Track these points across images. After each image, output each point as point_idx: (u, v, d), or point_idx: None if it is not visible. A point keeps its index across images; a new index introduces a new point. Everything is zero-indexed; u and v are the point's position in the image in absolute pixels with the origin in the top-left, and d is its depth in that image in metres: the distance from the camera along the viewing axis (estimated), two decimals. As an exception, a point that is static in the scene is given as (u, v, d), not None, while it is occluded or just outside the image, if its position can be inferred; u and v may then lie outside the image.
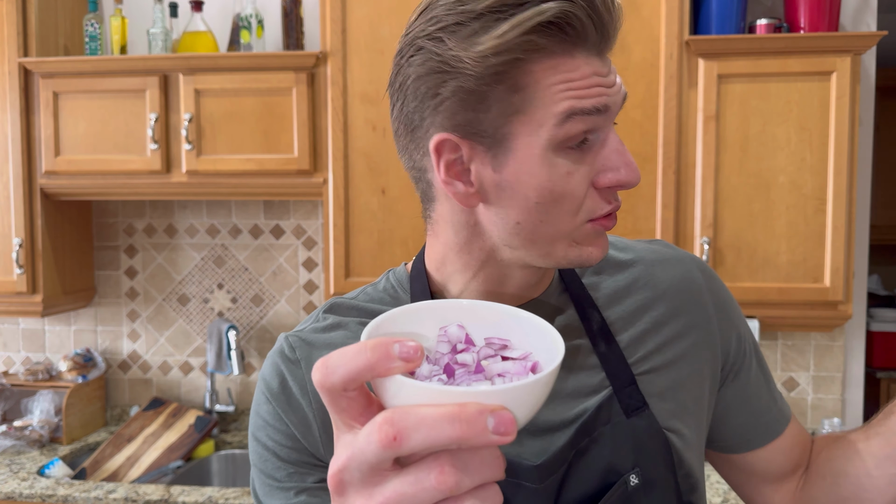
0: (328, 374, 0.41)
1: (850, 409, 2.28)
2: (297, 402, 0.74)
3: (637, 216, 1.95)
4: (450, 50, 0.61)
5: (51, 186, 2.21)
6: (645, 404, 0.73)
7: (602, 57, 0.64)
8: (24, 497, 1.95)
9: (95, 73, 2.14)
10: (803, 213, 1.92)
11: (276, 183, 2.11)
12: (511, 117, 0.63)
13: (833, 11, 1.98)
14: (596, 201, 0.66)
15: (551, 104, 0.62)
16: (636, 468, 0.72)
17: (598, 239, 0.68)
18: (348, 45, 2.00)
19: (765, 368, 0.86)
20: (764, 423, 0.84)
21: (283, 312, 2.47)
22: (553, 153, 0.64)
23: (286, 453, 0.74)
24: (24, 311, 2.26)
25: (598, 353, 0.75)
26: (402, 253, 2.00)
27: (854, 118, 1.89)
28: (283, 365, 0.75)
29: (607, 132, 0.65)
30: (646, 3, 1.91)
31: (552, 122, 0.62)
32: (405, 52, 0.65)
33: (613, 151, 0.65)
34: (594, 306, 0.77)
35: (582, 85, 0.62)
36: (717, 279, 0.84)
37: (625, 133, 1.93)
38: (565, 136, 0.63)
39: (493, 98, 0.62)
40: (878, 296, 3.77)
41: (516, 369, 0.49)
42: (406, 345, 0.39)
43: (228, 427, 2.48)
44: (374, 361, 0.39)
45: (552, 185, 0.64)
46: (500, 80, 0.62)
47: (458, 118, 0.64)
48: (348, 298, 0.80)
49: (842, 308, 1.93)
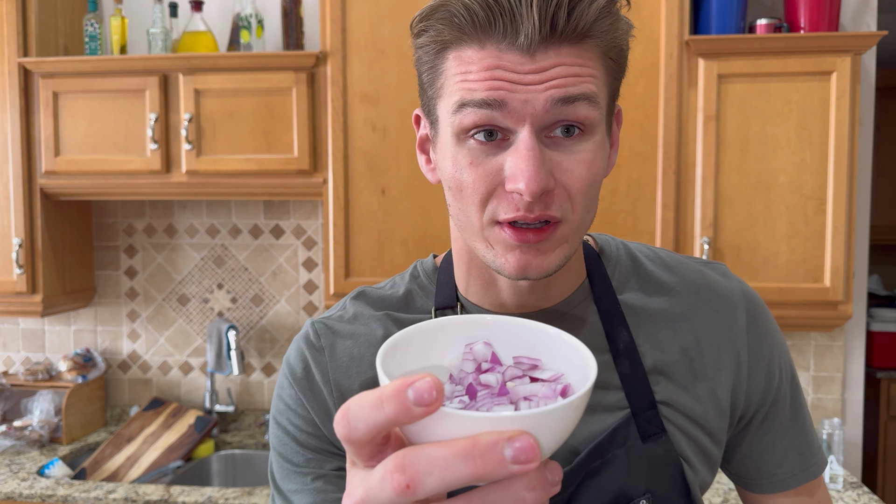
0: (351, 429, 0.39)
1: (850, 409, 2.28)
2: (319, 389, 0.74)
3: (637, 216, 1.95)
4: (412, 34, 0.66)
5: (51, 186, 2.21)
6: (663, 430, 0.71)
7: (533, 51, 0.59)
8: (24, 497, 1.95)
9: (95, 73, 2.14)
10: (803, 213, 1.92)
11: (276, 183, 2.11)
12: (437, 101, 0.66)
13: (833, 11, 1.98)
14: (501, 202, 0.63)
15: (452, 93, 0.63)
16: (647, 494, 0.70)
17: (511, 252, 0.64)
18: (348, 45, 2.00)
19: (799, 416, 0.81)
20: (781, 472, 0.80)
21: (283, 312, 2.47)
22: (457, 142, 0.64)
23: (305, 439, 0.75)
24: (24, 311, 2.26)
25: (619, 372, 0.72)
26: (402, 253, 2.00)
27: (854, 118, 1.89)
28: (308, 351, 0.76)
29: (522, 134, 0.61)
30: (646, 3, 1.91)
31: (450, 110, 0.63)
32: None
33: (520, 157, 0.60)
34: (625, 324, 0.74)
35: (477, 77, 0.60)
36: (762, 320, 0.78)
37: (625, 133, 1.93)
38: (459, 127, 0.62)
39: (427, 81, 0.66)
40: (878, 296, 3.76)
41: (545, 392, 0.46)
42: (421, 390, 0.37)
43: (228, 427, 2.48)
44: (393, 416, 0.37)
45: (455, 173, 0.64)
46: (430, 65, 0.65)
47: (421, 97, 0.69)
48: (376, 288, 0.80)
49: (842, 308, 1.93)
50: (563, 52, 0.60)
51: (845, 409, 2.28)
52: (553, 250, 0.64)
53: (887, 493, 3.38)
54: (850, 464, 2.25)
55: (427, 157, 0.72)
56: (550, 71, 0.60)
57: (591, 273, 0.76)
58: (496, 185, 0.62)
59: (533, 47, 0.59)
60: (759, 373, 0.77)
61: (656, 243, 1.96)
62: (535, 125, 0.60)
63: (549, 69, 0.60)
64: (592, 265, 0.76)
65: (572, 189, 0.62)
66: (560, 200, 0.62)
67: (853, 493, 1.89)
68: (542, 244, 0.63)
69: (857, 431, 2.27)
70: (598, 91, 0.62)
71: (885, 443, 3.37)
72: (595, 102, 0.62)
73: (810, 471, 0.81)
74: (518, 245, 0.63)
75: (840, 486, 1.92)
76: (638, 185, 1.95)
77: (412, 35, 0.66)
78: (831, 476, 1.93)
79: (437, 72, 0.64)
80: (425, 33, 0.64)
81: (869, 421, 3.37)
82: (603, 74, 0.63)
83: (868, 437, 3.40)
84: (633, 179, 1.95)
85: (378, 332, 0.76)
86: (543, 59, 0.59)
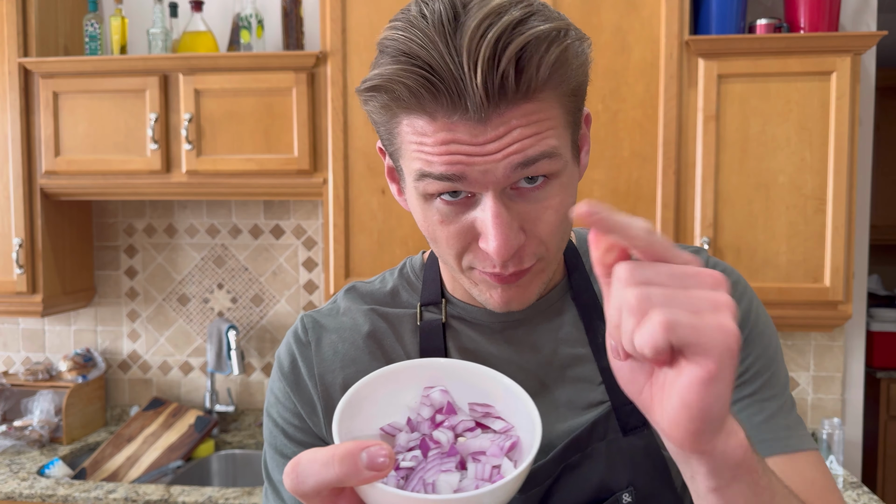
0: (299, 482, 0.42)
1: (850, 409, 2.28)
2: (305, 383, 0.76)
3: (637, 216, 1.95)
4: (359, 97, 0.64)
5: (51, 186, 2.21)
6: (645, 424, 0.71)
7: (485, 121, 0.57)
8: (24, 497, 1.95)
9: (95, 73, 2.14)
10: (803, 213, 1.92)
11: (276, 183, 2.11)
12: (398, 157, 0.65)
13: (833, 11, 1.98)
14: (476, 256, 0.64)
15: (411, 159, 0.62)
16: (630, 487, 0.70)
17: (494, 289, 0.65)
18: (348, 45, 2.00)
19: (776, 395, 0.73)
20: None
21: (283, 312, 2.47)
22: (424, 201, 0.64)
23: (293, 431, 0.77)
24: (24, 311, 2.26)
25: (600, 366, 0.73)
26: (403, 253, 2.00)
27: (854, 118, 1.89)
28: (295, 346, 0.78)
29: (487, 199, 0.60)
30: (646, 3, 1.91)
31: (413, 176, 0.62)
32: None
33: (487, 223, 0.60)
34: (602, 317, 0.74)
35: (433, 151, 0.59)
36: (745, 303, 0.74)
37: (625, 133, 1.93)
38: (424, 192, 0.62)
39: (385, 138, 0.65)
40: (878, 296, 3.76)
41: (492, 451, 0.50)
42: (374, 455, 0.39)
43: (228, 427, 2.48)
44: (342, 475, 0.40)
45: (427, 226, 0.65)
46: (384, 126, 0.64)
47: (382, 142, 0.67)
48: (366, 283, 0.82)
49: (842, 308, 1.93)
50: (518, 112, 0.58)
51: (845, 409, 2.28)
52: (532, 283, 0.66)
53: (887, 493, 3.39)
54: (850, 464, 2.25)
55: (398, 186, 0.71)
56: (506, 138, 0.58)
57: (570, 269, 0.77)
58: (469, 240, 0.63)
59: (485, 116, 0.57)
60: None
61: (656, 243, 1.96)
62: (498, 188, 0.60)
63: (505, 136, 0.58)
64: (571, 261, 0.77)
65: (543, 235, 0.63)
66: (532, 248, 0.63)
67: (853, 493, 1.89)
68: (522, 280, 0.65)
69: (857, 431, 2.27)
70: (559, 140, 0.61)
71: (885, 443, 3.37)
72: (556, 156, 0.60)
73: (777, 444, 0.71)
74: (499, 285, 0.65)
75: (840, 486, 1.92)
76: (638, 185, 1.95)
77: (359, 96, 0.63)
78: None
79: (393, 133, 0.63)
80: (372, 101, 0.62)
81: (869, 421, 3.37)
82: (562, 118, 0.61)
83: (868, 437, 3.40)
84: (633, 179, 1.95)
85: (364, 326, 0.77)
86: (498, 125, 0.57)
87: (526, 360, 0.74)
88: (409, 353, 0.76)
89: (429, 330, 0.75)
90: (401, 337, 0.77)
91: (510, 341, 0.74)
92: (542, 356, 0.74)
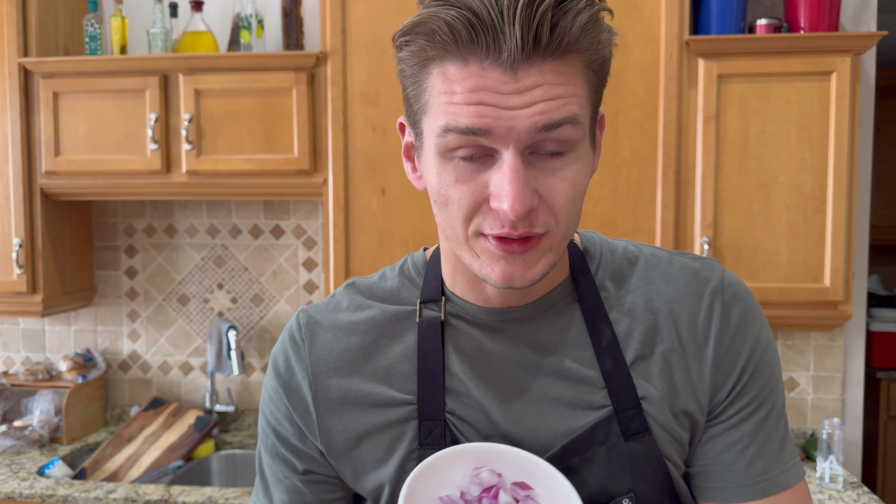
0: None
1: (850, 409, 2.28)
2: (298, 383, 0.77)
3: (637, 216, 1.95)
4: (394, 46, 0.66)
5: (51, 186, 2.21)
6: (647, 429, 0.71)
7: (516, 69, 0.59)
8: (24, 497, 1.95)
9: (95, 73, 2.14)
10: (803, 213, 1.92)
11: (276, 183, 2.11)
12: (422, 116, 0.66)
13: (833, 11, 1.98)
14: (486, 217, 0.64)
15: (437, 113, 0.63)
16: (630, 493, 0.70)
17: (497, 262, 0.65)
18: (348, 45, 2.00)
19: (770, 427, 0.74)
20: (728, 481, 0.73)
21: (283, 312, 2.47)
22: (442, 159, 0.64)
23: (282, 432, 0.78)
24: (24, 311, 2.26)
25: (602, 370, 0.72)
26: (402, 253, 2.00)
27: (854, 118, 1.89)
28: (290, 345, 0.79)
29: (507, 155, 0.61)
30: (646, 3, 1.91)
31: (435, 132, 0.63)
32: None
33: (504, 178, 0.61)
34: (607, 321, 0.74)
35: (461, 100, 0.60)
36: (745, 315, 0.74)
37: (625, 133, 1.93)
38: (444, 147, 0.63)
39: (412, 96, 0.66)
40: (878, 296, 3.77)
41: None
42: None
43: (228, 427, 2.48)
44: None
45: (440, 188, 0.65)
46: (413, 79, 0.65)
47: (405, 108, 0.69)
48: (366, 279, 0.82)
49: (842, 308, 1.93)
50: (545, 69, 0.60)
51: (845, 409, 2.28)
52: (537, 261, 0.65)
53: (887, 493, 3.39)
54: (850, 464, 2.25)
55: (413, 164, 0.73)
56: (533, 92, 0.59)
57: (574, 271, 0.76)
58: (481, 202, 0.63)
59: (516, 64, 0.59)
60: (727, 368, 0.73)
61: (656, 243, 1.96)
62: (519, 147, 0.61)
63: (532, 89, 0.59)
64: (576, 263, 0.77)
65: (556, 205, 0.63)
66: (544, 216, 0.63)
67: (853, 493, 1.89)
68: (527, 255, 0.64)
69: (857, 431, 2.27)
70: (581, 110, 0.63)
71: (885, 443, 3.37)
72: (578, 124, 0.62)
73: (765, 485, 0.73)
74: (503, 256, 0.64)
75: (840, 486, 1.92)
76: (638, 185, 1.95)
77: (394, 47, 0.65)
78: (831, 476, 1.94)
79: (421, 87, 0.64)
80: (407, 47, 0.64)
81: (869, 421, 3.38)
82: (586, 90, 0.63)
83: (868, 437, 3.40)
84: (633, 179, 1.95)
85: (361, 324, 0.78)
86: (526, 77, 0.59)
87: (526, 358, 0.74)
88: (406, 351, 0.76)
89: (427, 327, 0.75)
90: (398, 334, 0.77)
91: (510, 340, 0.74)
92: (542, 355, 0.74)
